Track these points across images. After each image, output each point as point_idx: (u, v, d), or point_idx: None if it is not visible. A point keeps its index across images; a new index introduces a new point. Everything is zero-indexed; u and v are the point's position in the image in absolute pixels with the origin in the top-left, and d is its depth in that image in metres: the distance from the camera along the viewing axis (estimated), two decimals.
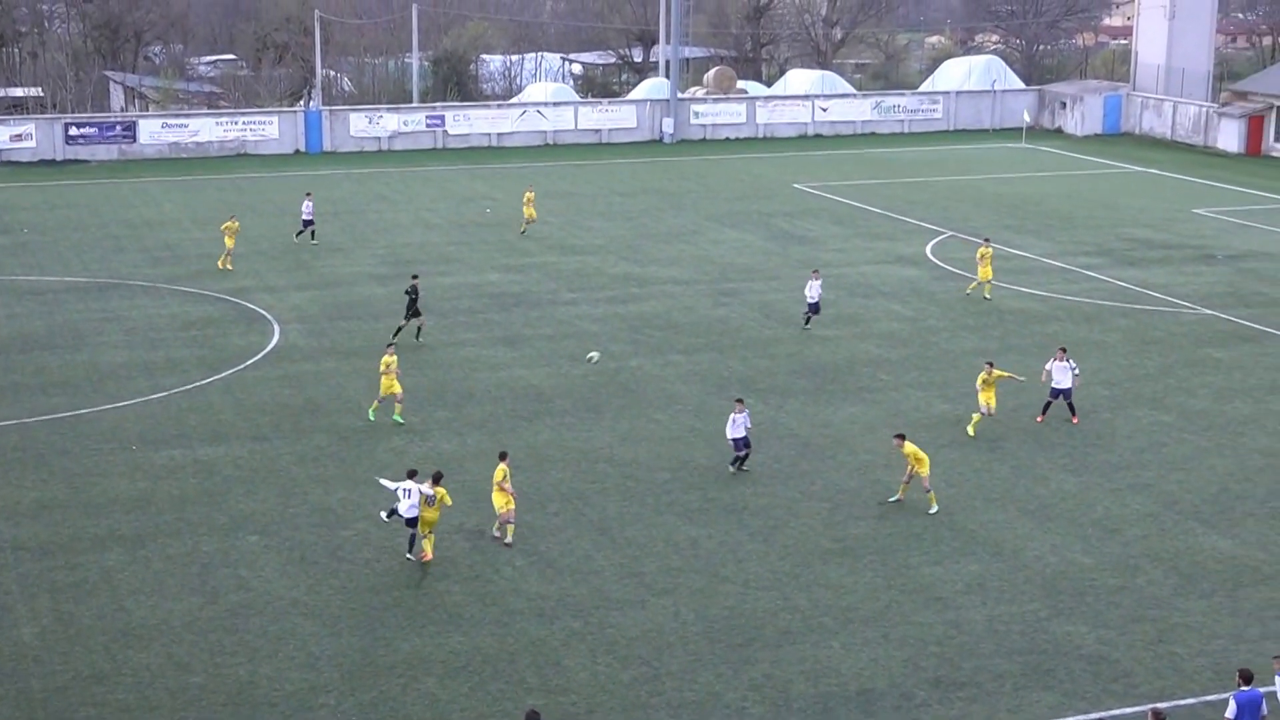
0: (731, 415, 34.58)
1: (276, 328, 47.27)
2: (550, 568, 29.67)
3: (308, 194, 60.94)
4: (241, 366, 43.15)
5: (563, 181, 75.47)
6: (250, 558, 30.13)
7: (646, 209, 67.28)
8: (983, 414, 37.14)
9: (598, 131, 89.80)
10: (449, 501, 29.80)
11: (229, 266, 54.62)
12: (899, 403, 39.81)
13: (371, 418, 38.22)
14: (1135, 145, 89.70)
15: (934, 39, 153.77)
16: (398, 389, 38.01)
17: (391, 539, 30.82)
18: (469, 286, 52.78)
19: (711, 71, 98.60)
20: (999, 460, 35.67)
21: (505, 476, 30.64)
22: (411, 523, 29.58)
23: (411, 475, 29.93)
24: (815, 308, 46.69)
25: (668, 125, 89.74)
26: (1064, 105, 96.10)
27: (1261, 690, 22.40)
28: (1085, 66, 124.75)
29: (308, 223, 59.28)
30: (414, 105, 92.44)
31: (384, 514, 30.57)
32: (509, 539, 30.76)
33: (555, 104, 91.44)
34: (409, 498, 29.41)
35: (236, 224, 55.95)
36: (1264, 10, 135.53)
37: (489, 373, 42.55)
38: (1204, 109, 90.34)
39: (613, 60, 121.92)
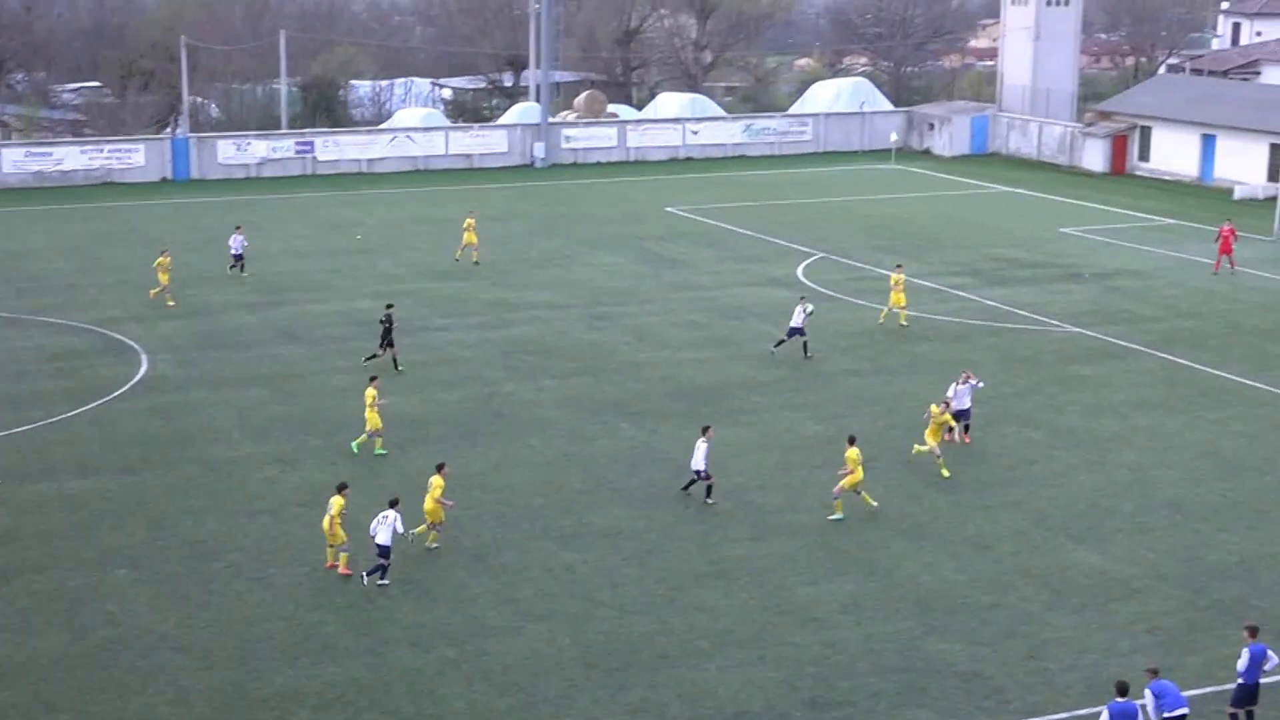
0: (698, 443, 34.12)
1: (144, 358, 46.43)
2: (425, 596, 29.38)
3: (237, 227, 59.71)
4: (109, 398, 42.33)
5: (434, 207, 75.05)
6: (119, 592, 29.52)
7: (518, 233, 67.13)
8: (931, 452, 36.12)
9: (468, 156, 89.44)
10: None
11: (171, 302, 53.24)
12: (772, 424, 39.98)
13: (381, 451, 37.74)
14: (1002, 165, 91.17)
15: (803, 62, 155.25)
16: (378, 422, 37.53)
17: (263, 570, 30.36)
18: (340, 314, 52.23)
19: (582, 95, 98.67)
20: (871, 480, 35.78)
21: (441, 489, 31.35)
22: (384, 552, 29.73)
23: (393, 504, 30.17)
24: (799, 331, 46.08)
25: (539, 149, 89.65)
26: (932, 126, 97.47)
27: (1136, 703, 22.78)
28: (952, 88, 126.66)
29: (238, 257, 57.95)
30: (283, 131, 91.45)
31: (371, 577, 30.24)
32: (432, 544, 31.39)
33: (425, 129, 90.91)
34: (385, 523, 29.73)
35: (169, 259, 54.37)
36: (1126, 31, 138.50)
37: (361, 400, 41.92)
38: (1069, 129, 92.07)
39: (483, 85, 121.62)
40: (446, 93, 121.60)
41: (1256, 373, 44.94)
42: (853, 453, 33.49)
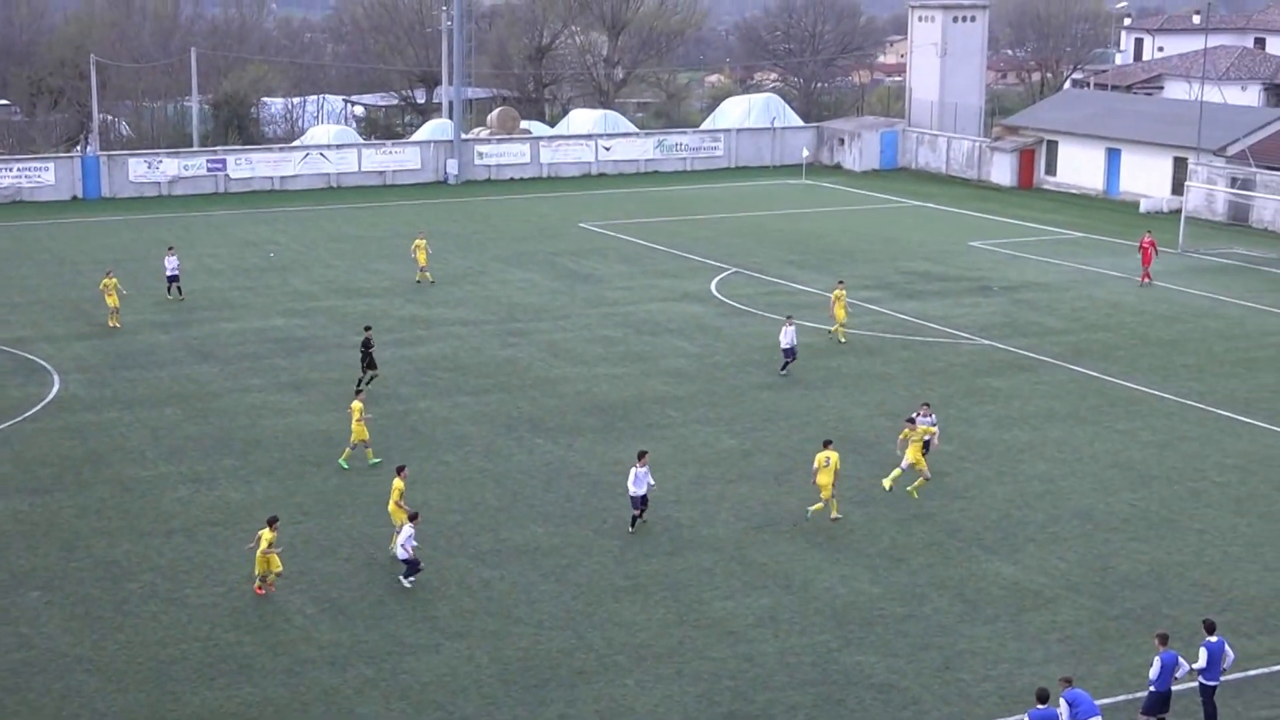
0: (633, 470, 33.64)
1: (56, 378, 45.86)
2: (342, 614, 29.22)
3: (170, 248, 58.79)
4: (20, 418, 41.76)
5: (347, 224, 74.72)
6: (32, 615, 29.13)
7: (432, 250, 66.83)
8: (903, 469, 35.51)
9: (382, 173, 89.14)
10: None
11: (117, 324, 52.45)
12: (687, 439, 40.13)
13: (375, 460, 37.70)
14: (912, 180, 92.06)
15: (714, 78, 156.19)
16: (365, 434, 37.50)
17: (178, 590, 30.10)
18: (254, 332, 51.86)
19: (495, 112, 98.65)
20: (786, 493, 36.12)
21: (401, 493, 31.96)
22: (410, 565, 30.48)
23: (413, 518, 30.70)
24: (791, 353, 46.18)
25: (452, 166, 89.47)
26: (842, 141, 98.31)
27: (1056, 709, 23.10)
28: (862, 103, 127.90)
29: (172, 278, 56.91)
30: (194, 149, 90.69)
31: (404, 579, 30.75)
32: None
33: (338, 146, 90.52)
34: (399, 535, 30.38)
35: (114, 280, 53.28)
36: (1032, 47, 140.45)
37: (276, 419, 41.82)
38: (977, 144, 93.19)
39: (396, 102, 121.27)
40: (359, 110, 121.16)
41: (1164, 383, 45.69)
42: (831, 455, 33.92)
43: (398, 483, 32.36)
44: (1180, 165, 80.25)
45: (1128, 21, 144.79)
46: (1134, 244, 67.67)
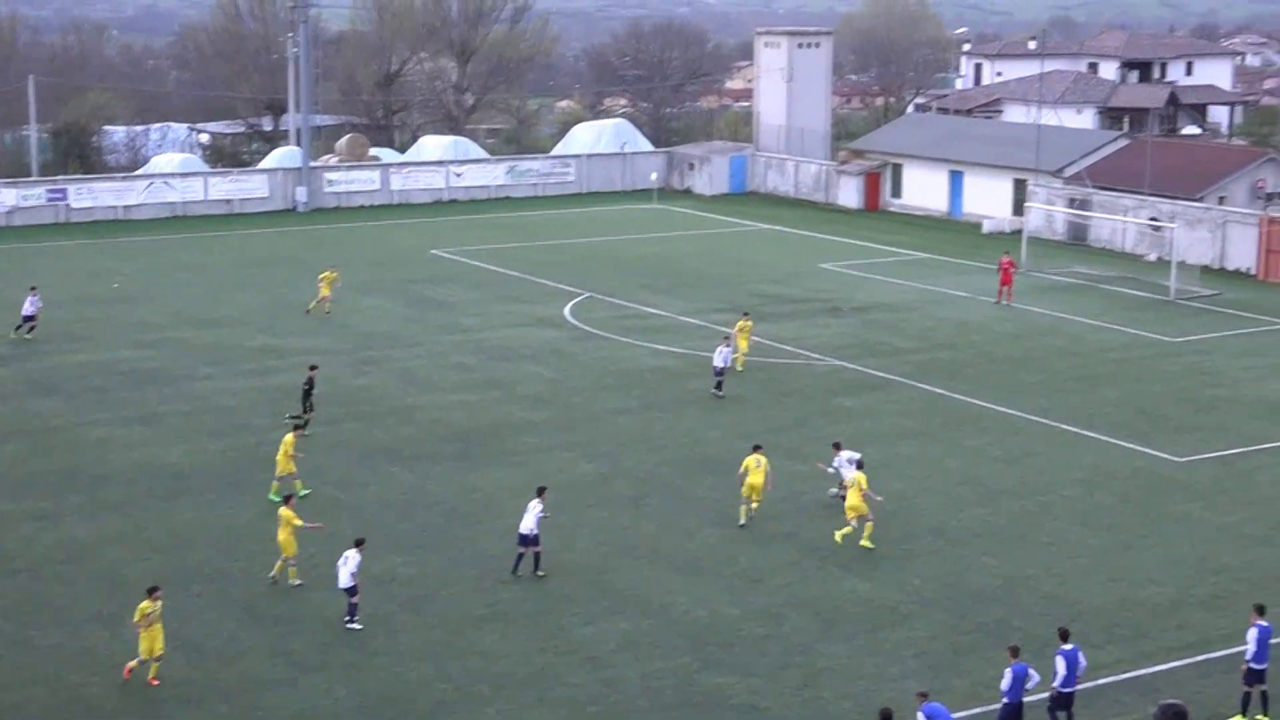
0: (530, 504, 32.95)
1: None
2: (195, 651, 28.64)
3: (32, 288, 56.65)
4: None
5: (194, 254, 73.43)
6: None
7: (282, 279, 66.06)
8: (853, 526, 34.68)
9: (229, 202, 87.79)
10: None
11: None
12: (544, 464, 40.02)
13: (305, 491, 36.87)
14: (761, 203, 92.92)
15: (564, 103, 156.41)
16: (292, 468, 36.95)
17: (22, 632, 29.28)
18: (99, 364, 50.72)
19: (344, 139, 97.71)
20: (645, 517, 36.19)
21: (292, 520, 31.42)
22: (351, 591, 29.70)
23: (359, 544, 30.14)
24: (721, 372, 46.48)
25: (301, 194, 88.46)
26: (692, 166, 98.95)
27: None
28: (711, 128, 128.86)
29: (29, 318, 54.75)
30: (33, 179, 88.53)
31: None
32: (295, 580, 31.57)
33: (183, 174, 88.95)
34: (345, 565, 29.49)
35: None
36: (875, 72, 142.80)
37: (123, 453, 40.96)
38: (824, 167, 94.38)
39: (242, 129, 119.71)
40: (205, 137, 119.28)
41: (1010, 400, 46.55)
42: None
43: (286, 512, 31.86)
44: (1020, 187, 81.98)
45: (967, 47, 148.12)
46: (978, 264, 69.26)
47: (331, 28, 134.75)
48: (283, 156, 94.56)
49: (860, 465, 35.55)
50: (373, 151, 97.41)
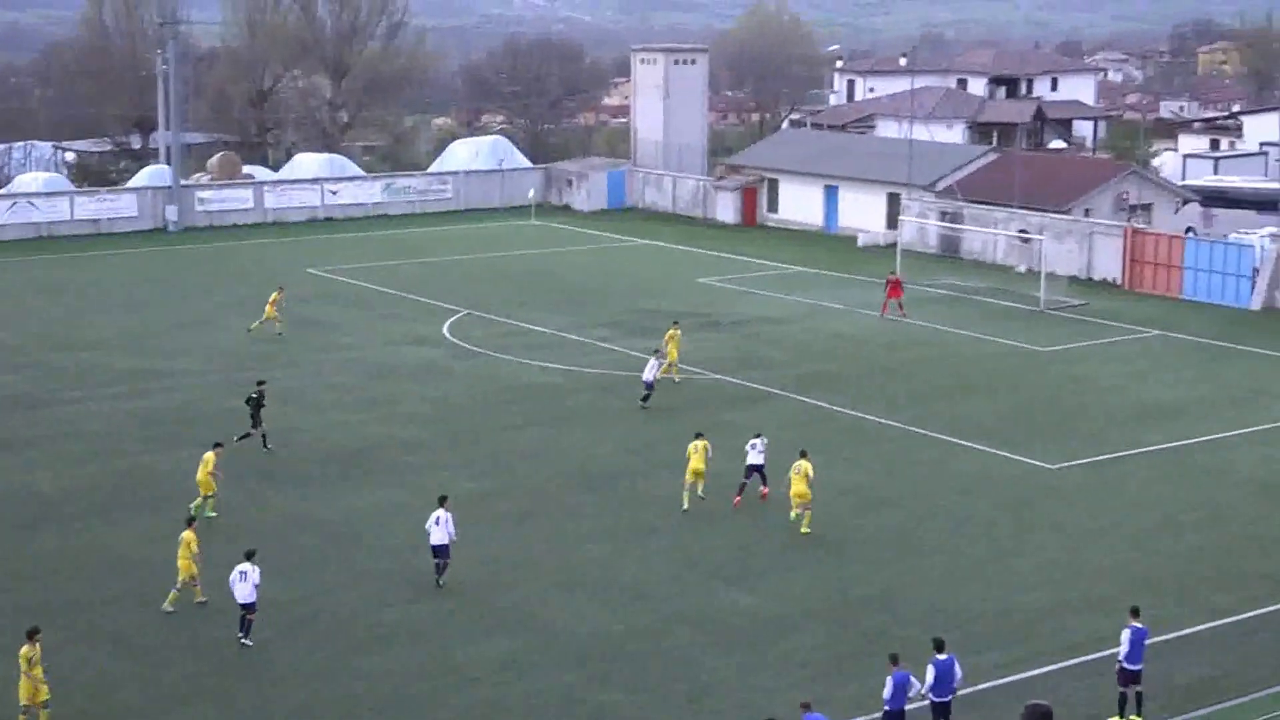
0: (435, 514, 32.75)
1: None
2: (62, 684, 27.75)
3: None
4: None
5: (60, 275, 71.93)
6: None
7: (153, 299, 64.95)
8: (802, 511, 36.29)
9: (96, 221, 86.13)
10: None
11: None
12: (426, 483, 39.61)
13: (211, 513, 36.56)
14: (639, 219, 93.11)
15: (440, 120, 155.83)
16: (213, 486, 36.51)
17: None
18: None
19: (215, 157, 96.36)
20: (527, 534, 36.05)
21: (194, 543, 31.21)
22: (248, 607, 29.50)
23: (249, 556, 29.94)
24: (650, 386, 46.84)
25: (171, 213, 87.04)
26: (570, 182, 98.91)
27: None
28: (589, 144, 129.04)
29: None
30: None
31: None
32: (201, 599, 31.31)
33: (48, 194, 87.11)
34: (245, 580, 29.04)
35: None
36: (751, 88, 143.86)
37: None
38: (701, 183, 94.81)
39: (110, 148, 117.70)
40: (70, 156, 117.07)
41: (888, 411, 46.97)
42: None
43: (189, 535, 31.36)
44: (894, 200, 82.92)
45: (840, 64, 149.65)
46: (854, 277, 70.22)
47: (202, 44, 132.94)
48: (152, 175, 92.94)
49: (804, 454, 36.81)
50: (246, 169, 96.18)
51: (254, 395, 43.08)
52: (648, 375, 47.13)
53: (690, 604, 31.88)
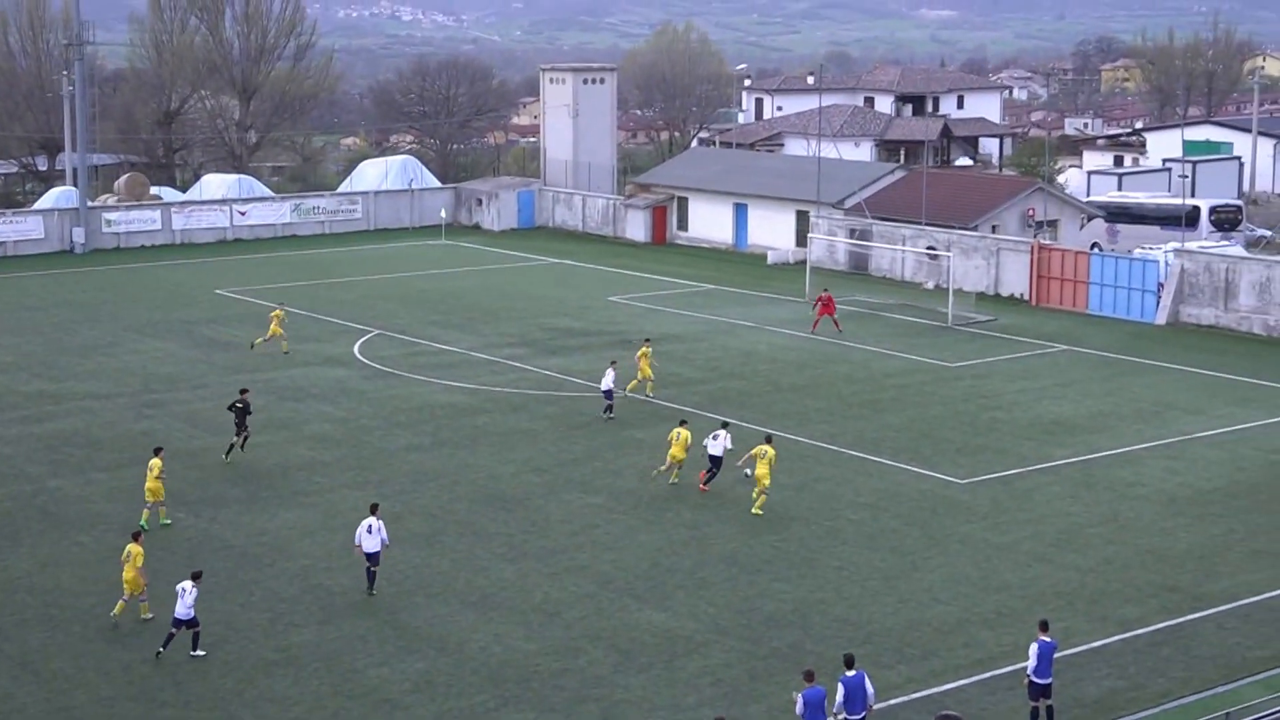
0: (365, 522, 33.37)
1: None
2: None
3: None
4: None
5: None
6: None
7: (59, 322, 64.23)
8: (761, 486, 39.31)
9: (2, 244, 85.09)
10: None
11: None
12: (336, 504, 39.53)
13: (166, 521, 37.51)
14: (550, 238, 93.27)
15: (350, 141, 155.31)
16: (161, 493, 37.29)
17: None
18: None
19: (122, 178, 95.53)
20: (438, 554, 36.00)
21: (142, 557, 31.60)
22: (189, 623, 29.95)
23: (196, 577, 30.29)
24: (609, 395, 48.11)
25: (78, 235, 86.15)
26: (480, 202, 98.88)
27: None
28: (498, 164, 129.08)
29: None
30: None
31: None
32: (145, 615, 31.69)
33: None
34: (184, 597, 29.41)
35: None
36: (659, 107, 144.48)
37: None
38: (611, 201, 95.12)
39: (15, 169, 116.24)
40: None
41: (798, 428, 47.32)
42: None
43: (136, 548, 31.59)
44: (803, 218, 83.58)
45: (748, 83, 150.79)
46: (764, 295, 70.92)
47: (109, 65, 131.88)
48: (59, 196, 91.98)
49: (769, 439, 40.03)
50: (154, 190, 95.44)
51: (238, 404, 43.53)
52: (606, 384, 48.18)
53: (603, 623, 31.96)
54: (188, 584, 30.01)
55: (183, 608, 29.74)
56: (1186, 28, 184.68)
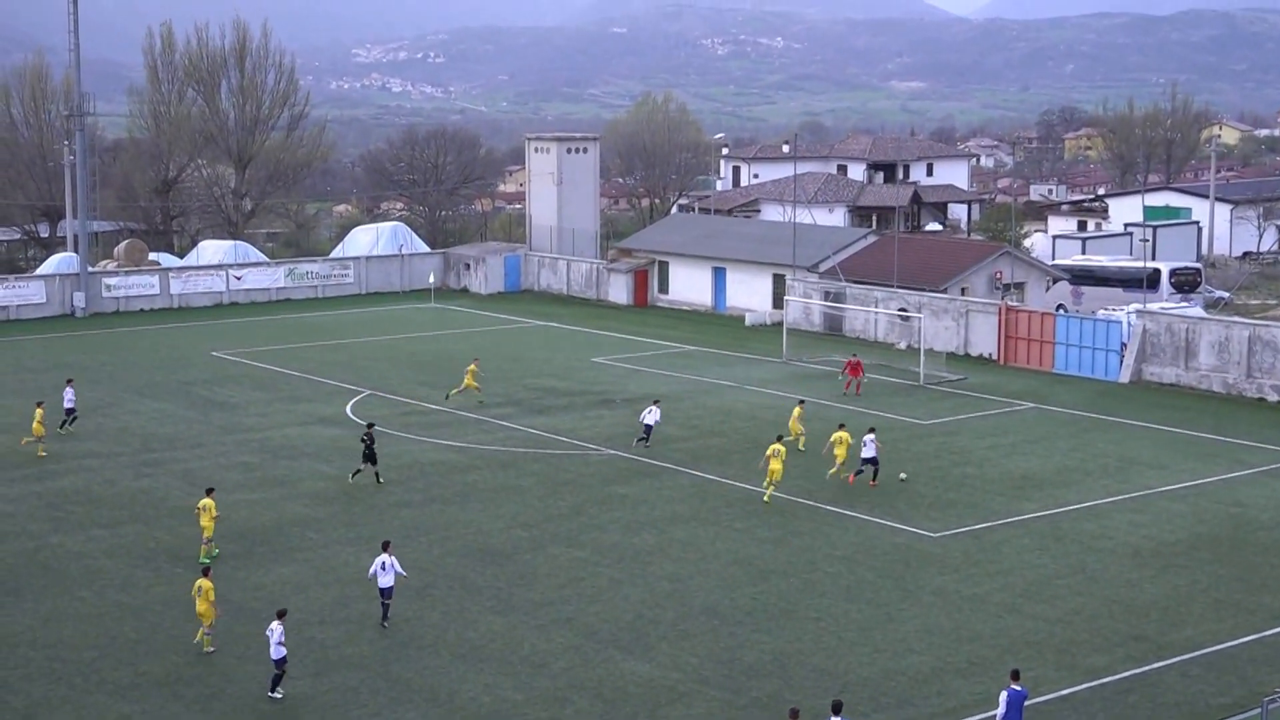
0: (379, 559, 35.60)
1: None
2: None
3: (69, 380, 57.77)
4: None
5: None
6: None
7: (60, 384, 64.96)
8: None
9: (5, 308, 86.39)
10: None
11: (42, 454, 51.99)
12: (329, 559, 40.48)
13: (207, 559, 39.46)
14: (535, 301, 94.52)
15: (342, 208, 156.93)
16: (212, 531, 40.35)
17: None
18: None
19: (122, 244, 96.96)
20: (429, 607, 36.73)
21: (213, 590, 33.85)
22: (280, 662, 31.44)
23: (280, 616, 31.74)
24: (649, 429, 52.98)
25: (79, 299, 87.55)
26: (468, 266, 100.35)
27: None
28: (485, 229, 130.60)
29: (70, 411, 55.74)
30: None
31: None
32: (208, 649, 33.60)
33: None
34: (274, 636, 31.18)
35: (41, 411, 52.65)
36: (640, 175, 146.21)
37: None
38: (594, 265, 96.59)
39: (18, 236, 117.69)
40: None
41: (775, 484, 48.37)
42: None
43: (205, 583, 33.88)
44: (779, 281, 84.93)
45: (726, 151, 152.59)
46: (742, 355, 72.38)
47: (108, 135, 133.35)
48: (60, 262, 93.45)
49: (780, 438, 47.17)
50: (152, 256, 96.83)
51: (364, 438, 48.57)
52: (649, 419, 52.91)
53: (589, 673, 32.56)
54: (275, 624, 31.42)
55: (275, 647, 31.21)
56: (1146, 98, 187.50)
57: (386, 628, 34.98)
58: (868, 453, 47.70)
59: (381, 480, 48.08)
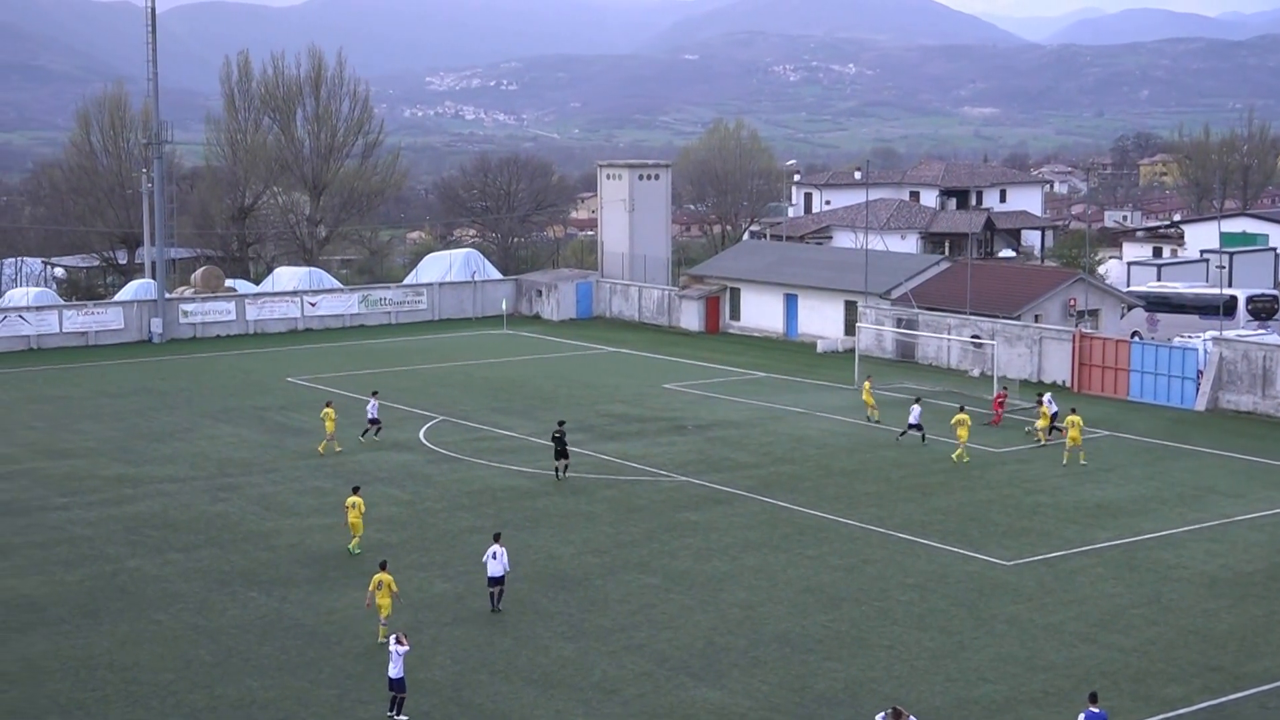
0: (491, 549, 38.34)
1: None
2: None
3: (374, 393, 60.92)
4: None
5: (49, 386, 73.26)
6: None
7: (138, 409, 66.23)
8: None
9: (84, 334, 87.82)
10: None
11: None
12: (402, 584, 40.32)
13: (357, 550, 43.02)
14: (607, 327, 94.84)
15: (415, 234, 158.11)
16: (360, 527, 43.49)
17: None
18: None
19: (199, 271, 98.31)
20: (500, 634, 36.91)
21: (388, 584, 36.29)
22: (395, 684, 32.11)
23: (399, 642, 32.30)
24: (919, 426, 57.73)
25: (156, 325, 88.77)
26: (540, 293, 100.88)
27: None
28: (557, 256, 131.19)
29: (374, 421, 58.95)
30: None
31: None
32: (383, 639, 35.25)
33: (38, 308, 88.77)
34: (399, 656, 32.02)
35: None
36: (712, 202, 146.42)
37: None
38: (666, 292, 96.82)
39: (97, 263, 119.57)
40: (59, 271, 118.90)
41: (848, 510, 48.32)
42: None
43: (385, 576, 36.57)
44: (851, 308, 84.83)
45: (797, 178, 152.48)
46: (813, 382, 72.04)
47: (186, 163, 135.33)
48: (138, 289, 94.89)
49: (963, 408, 55.99)
50: (228, 283, 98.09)
51: (556, 434, 52.62)
52: (913, 419, 57.89)
53: (660, 700, 32.57)
54: (400, 647, 32.10)
55: (394, 666, 31.93)
56: (1222, 124, 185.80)
57: (500, 611, 37.96)
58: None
59: (560, 476, 51.88)
